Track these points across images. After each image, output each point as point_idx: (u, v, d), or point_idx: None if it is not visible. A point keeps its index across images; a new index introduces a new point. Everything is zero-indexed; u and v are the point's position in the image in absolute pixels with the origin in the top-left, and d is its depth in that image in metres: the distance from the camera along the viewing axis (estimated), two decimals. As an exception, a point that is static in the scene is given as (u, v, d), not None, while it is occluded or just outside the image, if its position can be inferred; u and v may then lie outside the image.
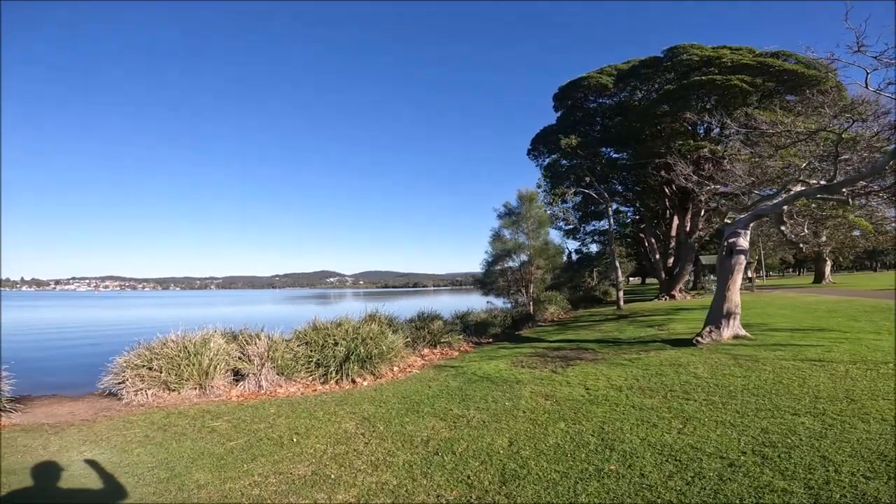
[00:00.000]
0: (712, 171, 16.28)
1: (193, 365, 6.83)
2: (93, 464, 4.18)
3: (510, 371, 8.07)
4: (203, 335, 7.30)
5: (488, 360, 9.47)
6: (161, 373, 6.62)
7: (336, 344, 8.12)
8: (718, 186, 15.59)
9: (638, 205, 31.44)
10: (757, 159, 12.90)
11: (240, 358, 7.45)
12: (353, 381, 8.10)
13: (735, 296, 9.72)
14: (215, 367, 7.08)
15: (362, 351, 8.20)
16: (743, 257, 9.91)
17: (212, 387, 7.10)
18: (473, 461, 3.97)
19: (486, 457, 4.05)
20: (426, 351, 11.48)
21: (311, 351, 7.97)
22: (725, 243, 10.14)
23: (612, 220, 25.95)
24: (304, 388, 7.78)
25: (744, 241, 9.94)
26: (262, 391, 7.45)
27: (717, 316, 9.73)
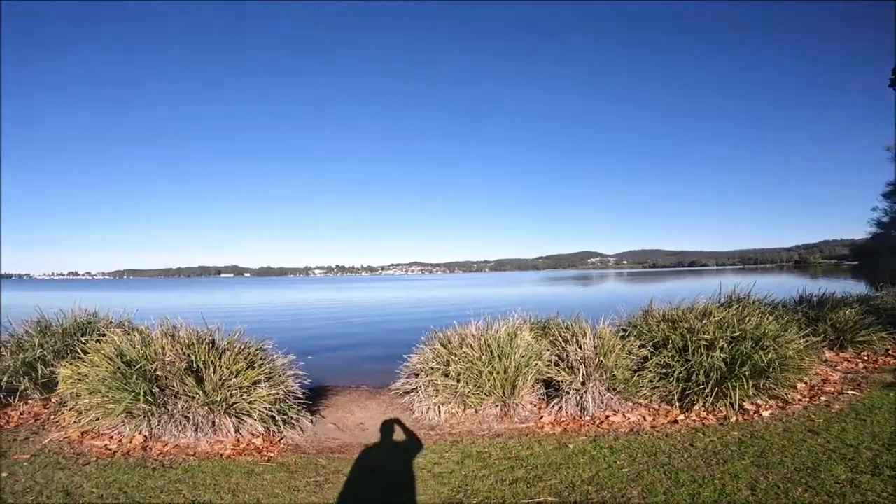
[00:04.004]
0: None
1: (497, 372, 4.67)
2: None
3: None
4: (508, 328, 5.10)
5: None
6: (458, 382, 4.70)
7: (710, 346, 4.73)
8: None
9: None
10: None
11: (555, 363, 4.97)
12: (741, 409, 4.64)
13: None
14: (524, 377, 4.77)
15: (760, 358, 4.57)
16: None
17: (517, 405, 4.86)
18: None
19: None
20: (829, 355, 7.00)
21: (668, 357, 4.83)
22: None
23: None
24: (652, 416, 4.83)
25: None
26: (587, 417, 4.81)
27: None
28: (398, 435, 4.56)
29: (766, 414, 4.65)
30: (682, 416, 4.81)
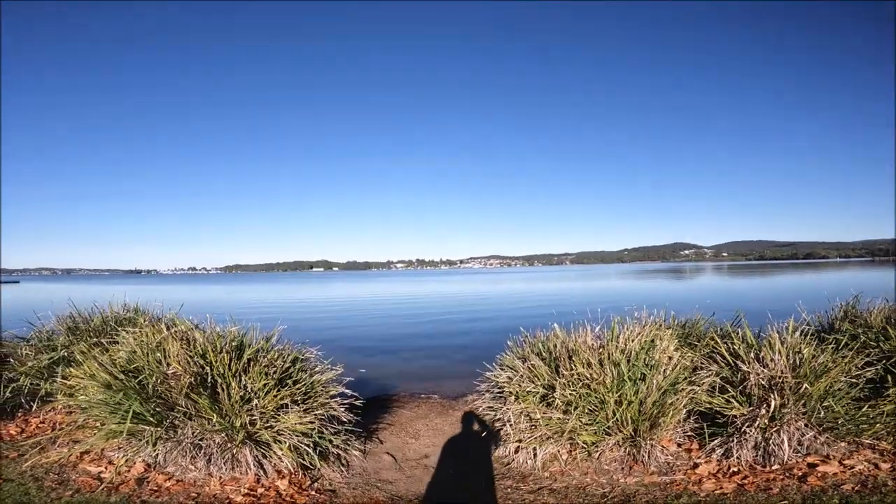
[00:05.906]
0: None
1: (628, 402, 3.06)
2: None
3: None
4: (643, 334, 3.42)
5: None
6: (567, 414, 3.16)
7: None
8: None
9: None
10: None
11: (720, 388, 3.23)
12: None
13: None
14: (673, 408, 3.11)
15: None
16: None
17: (653, 446, 3.20)
18: None
19: None
20: None
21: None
22: None
23: None
24: (889, 463, 3.01)
25: None
26: (774, 465, 3.06)
27: None
28: (472, 483, 3.15)
29: None
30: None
